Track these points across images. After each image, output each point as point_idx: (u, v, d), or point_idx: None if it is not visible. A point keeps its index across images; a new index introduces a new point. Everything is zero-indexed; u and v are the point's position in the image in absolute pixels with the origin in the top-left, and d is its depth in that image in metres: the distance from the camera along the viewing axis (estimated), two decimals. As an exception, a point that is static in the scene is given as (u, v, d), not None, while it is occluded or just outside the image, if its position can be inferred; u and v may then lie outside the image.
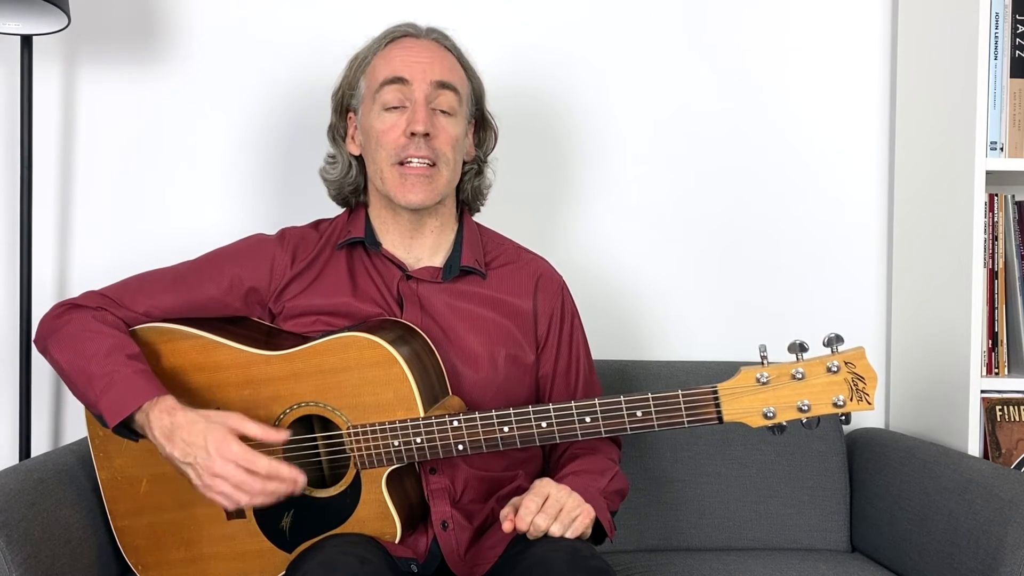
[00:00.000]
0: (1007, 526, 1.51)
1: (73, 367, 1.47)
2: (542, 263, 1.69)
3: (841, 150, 2.17)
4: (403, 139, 1.52)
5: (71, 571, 1.48)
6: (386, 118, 1.54)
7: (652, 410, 1.38)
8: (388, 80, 1.53)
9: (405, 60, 1.54)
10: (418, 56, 1.55)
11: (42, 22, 1.88)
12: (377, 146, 1.55)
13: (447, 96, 1.55)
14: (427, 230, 1.60)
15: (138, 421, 1.43)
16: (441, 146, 1.54)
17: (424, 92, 1.53)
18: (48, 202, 2.05)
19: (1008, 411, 1.84)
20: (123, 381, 1.42)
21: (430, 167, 1.53)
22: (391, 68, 1.54)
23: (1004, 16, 1.83)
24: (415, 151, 1.52)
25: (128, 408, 1.41)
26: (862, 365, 1.33)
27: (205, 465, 1.36)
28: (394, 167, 1.54)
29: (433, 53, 1.57)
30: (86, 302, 1.55)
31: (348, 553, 1.36)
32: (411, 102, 1.53)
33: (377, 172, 1.56)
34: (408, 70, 1.53)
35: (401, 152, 1.53)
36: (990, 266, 1.87)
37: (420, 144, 1.52)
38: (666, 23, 2.14)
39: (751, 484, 1.94)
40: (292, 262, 1.59)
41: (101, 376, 1.43)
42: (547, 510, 1.38)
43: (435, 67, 1.55)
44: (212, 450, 1.36)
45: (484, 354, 1.56)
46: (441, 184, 1.55)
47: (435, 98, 1.54)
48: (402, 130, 1.52)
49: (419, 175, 1.53)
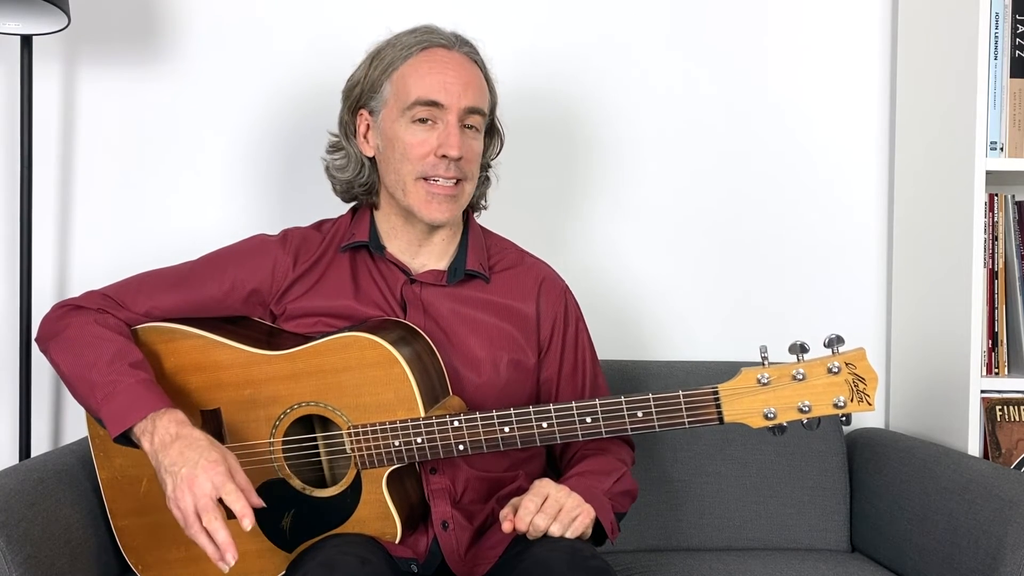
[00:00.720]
0: (1007, 526, 1.51)
1: (74, 373, 1.46)
2: (545, 268, 1.69)
3: (841, 150, 2.17)
4: (433, 158, 1.52)
5: (71, 571, 1.48)
6: (416, 132, 1.52)
7: (653, 410, 1.38)
8: (422, 101, 1.51)
9: (440, 81, 1.52)
10: (453, 78, 1.52)
11: (42, 22, 1.88)
12: (403, 158, 1.53)
13: (476, 118, 1.55)
14: (437, 239, 1.60)
15: (137, 430, 1.40)
16: (468, 165, 1.54)
17: (458, 116, 1.52)
18: (48, 202, 2.05)
19: (1008, 411, 1.84)
20: (125, 391, 1.41)
21: (456, 185, 1.53)
22: (426, 89, 1.51)
23: (1004, 16, 1.84)
24: (444, 172, 1.52)
25: (130, 420, 1.40)
26: (863, 366, 1.33)
27: (188, 481, 1.32)
28: (419, 182, 1.53)
29: (466, 73, 1.54)
30: (87, 303, 1.54)
31: (348, 553, 1.36)
32: (443, 123, 1.52)
33: (399, 183, 1.55)
34: (443, 94, 1.51)
35: (430, 170, 1.52)
36: (990, 266, 1.87)
37: (450, 166, 1.52)
38: (669, 27, 2.14)
39: (751, 484, 1.94)
40: (294, 264, 1.58)
41: (103, 385, 1.42)
42: (546, 510, 1.39)
43: (469, 92, 1.53)
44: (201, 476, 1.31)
45: (486, 358, 1.56)
46: (464, 200, 1.57)
47: (465, 119, 1.54)
48: (432, 148, 1.51)
49: (446, 195, 1.53)
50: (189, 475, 1.32)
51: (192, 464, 1.33)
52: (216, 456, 1.34)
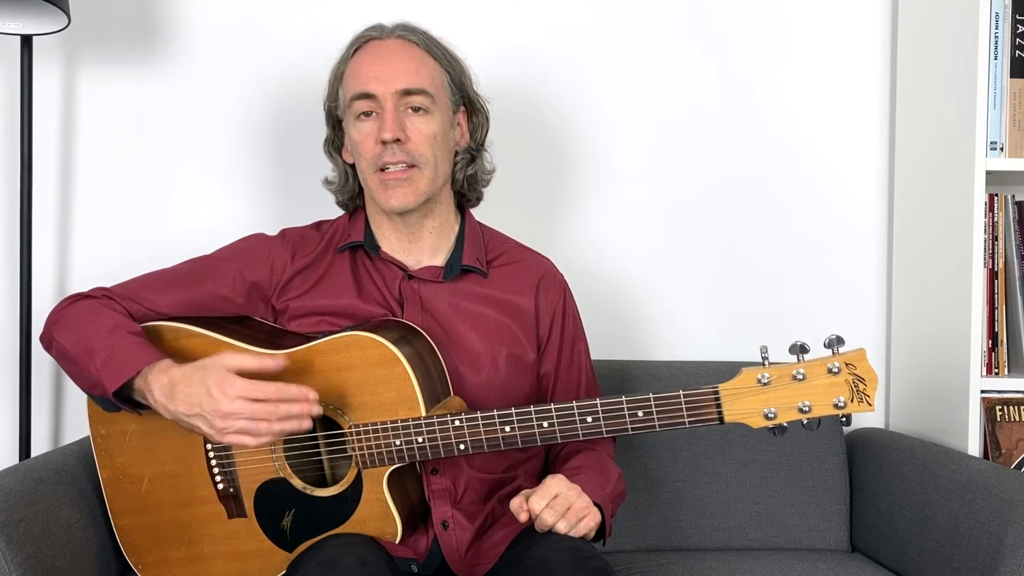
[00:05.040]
0: (1007, 526, 1.51)
1: (76, 345, 1.46)
2: (545, 262, 1.69)
3: (841, 150, 2.17)
4: (378, 147, 1.52)
5: (71, 571, 1.48)
6: (361, 127, 1.54)
7: (653, 410, 1.38)
8: (356, 96, 1.53)
9: (369, 72, 1.53)
10: (381, 66, 1.53)
11: (42, 22, 1.88)
12: (359, 156, 1.56)
13: (418, 99, 1.53)
14: (425, 232, 1.60)
15: (138, 388, 1.41)
16: (416, 147, 1.53)
17: (391, 102, 1.52)
18: (48, 202, 2.05)
19: (1008, 411, 1.84)
20: (124, 351, 1.42)
21: (408, 168, 1.53)
22: (358, 82, 1.53)
23: (1004, 16, 1.84)
24: (390, 157, 1.52)
25: (128, 372, 1.40)
26: (863, 366, 1.33)
27: (213, 409, 1.34)
28: (376, 175, 1.54)
29: (398, 57, 1.54)
30: (93, 293, 1.55)
31: (349, 553, 1.36)
32: (381, 109, 1.52)
33: (364, 180, 1.58)
34: (372, 84, 1.52)
35: (378, 160, 1.53)
36: (990, 266, 1.87)
37: (394, 150, 1.52)
38: (666, 25, 2.14)
39: (751, 484, 1.94)
40: (292, 258, 1.59)
41: (102, 349, 1.42)
42: (555, 507, 1.39)
43: (399, 76, 1.52)
44: (215, 392, 1.34)
45: (485, 353, 1.57)
46: (423, 184, 1.54)
47: (405, 103, 1.53)
48: (376, 139, 1.52)
49: (398, 179, 1.53)
50: (214, 407, 1.34)
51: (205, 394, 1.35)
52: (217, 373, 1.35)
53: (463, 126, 1.62)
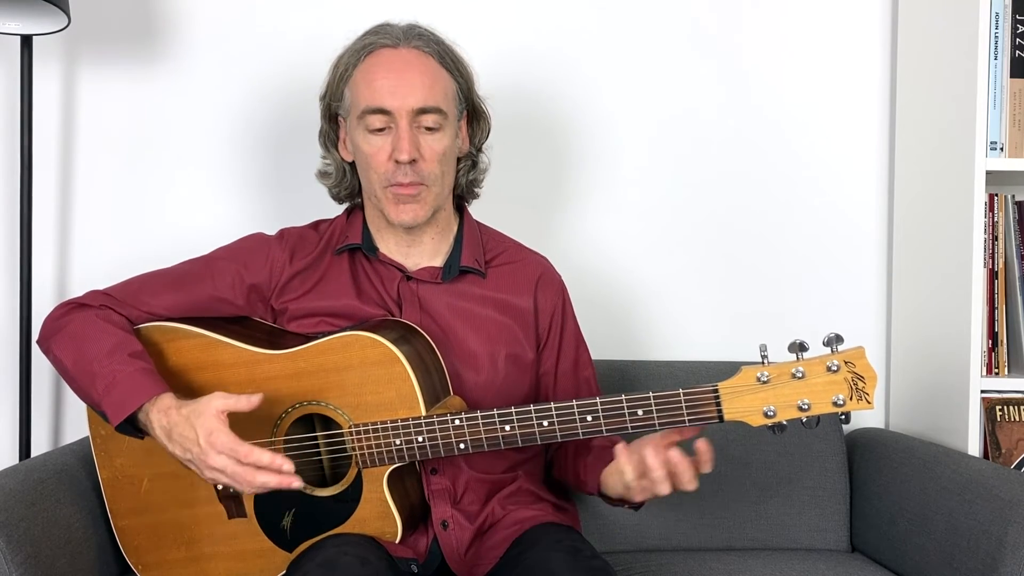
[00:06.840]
0: (1007, 526, 1.51)
1: (76, 367, 1.48)
2: (543, 262, 1.69)
3: (841, 150, 2.17)
4: (391, 164, 1.51)
5: (71, 571, 1.48)
6: (372, 141, 1.52)
7: (653, 409, 1.38)
8: (370, 110, 1.51)
9: (384, 86, 1.50)
10: (397, 80, 1.51)
11: (42, 22, 1.88)
12: (367, 167, 1.54)
13: (431, 116, 1.52)
14: (425, 239, 1.60)
15: (141, 420, 1.43)
16: (427, 166, 1.52)
17: (406, 120, 1.50)
18: (48, 202, 2.05)
19: (1008, 411, 1.84)
20: (125, 380, 1.43)
21: (417, 186, 1.52)
22: (372, 96, 1.51)
23: (1004, 16, 1.84)
24: (402, 177, 1.51)
25: (130, 407, 1.42)
26: (862, 364, 1.33)
27: (201, 460, 1.38)
28: (386, 189, 1.53)
29: (414, 72, 1.52)
30: (90, 301, 1.55)
31: (349, 553, 1.36)
32: (395, 126, 1.51)
33: (371, 190, 1.56)
34: (390, 99, 1.50)
35: (391, 177, 1.52)
36: (990, 266, 1.87)
37: (407, 171, 1.51)
38: (666, 25, 2.14)
39: (751, 484, 1.94)
40: (291, 259, 1.59)
41: (103, 376, 1.43)
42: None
43: (415, 92, 1.50)
44: (204, 443, 1.37)
45: (484, 354, 1.57)
46: (431, 201, 1.55)
47: (418, 121, 1.52)
48: (388, 155, 1.51)
49: (409, 196, 1.52)
50: (202, 458, 1.37)
51: (195, 443, 1.37)
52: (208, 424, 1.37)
53: (464, 132, 1.62)
